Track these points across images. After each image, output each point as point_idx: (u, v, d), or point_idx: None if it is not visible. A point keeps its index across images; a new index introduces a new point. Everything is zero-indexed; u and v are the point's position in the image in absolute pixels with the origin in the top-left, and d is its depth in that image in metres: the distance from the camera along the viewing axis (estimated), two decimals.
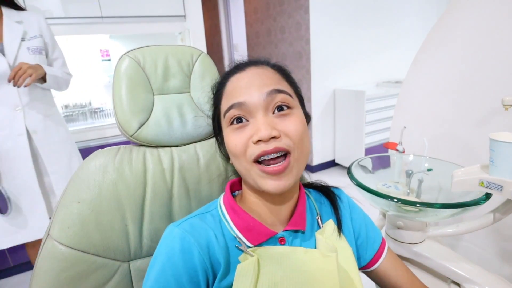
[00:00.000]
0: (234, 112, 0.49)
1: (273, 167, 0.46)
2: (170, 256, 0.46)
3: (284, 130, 0.47)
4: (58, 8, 1.73)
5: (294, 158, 0.48)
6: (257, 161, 0.47)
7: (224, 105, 0.52)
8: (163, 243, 0.49)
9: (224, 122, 0.51)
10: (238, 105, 0.48)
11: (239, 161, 0.49)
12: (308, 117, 0.56)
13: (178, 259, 0.46)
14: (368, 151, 2.90)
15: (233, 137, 0.49)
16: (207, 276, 0.47)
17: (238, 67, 0.54)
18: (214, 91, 0.58)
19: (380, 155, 0.94)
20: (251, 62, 0.54)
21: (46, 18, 1.40)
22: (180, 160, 0.63)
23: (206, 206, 0.57)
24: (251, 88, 0.49)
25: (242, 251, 0.49)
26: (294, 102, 0.51)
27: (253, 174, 0.48)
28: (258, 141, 0.46)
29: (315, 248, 0.53)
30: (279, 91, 0.49)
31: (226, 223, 0.52)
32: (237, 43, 4.45)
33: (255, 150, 0.46)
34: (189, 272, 0.46)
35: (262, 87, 0.48)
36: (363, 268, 0.62)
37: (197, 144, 0.67)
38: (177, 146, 0.66)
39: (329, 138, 3.18)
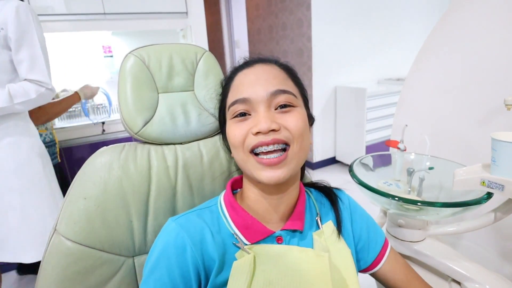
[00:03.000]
0: (238, 107, 0.50)
1: (269, 158, 0.47)
2: (164, 249, 0.48)
3: (284, 124, 0.48)
4: (61, 5, 1.73)
5: (293, 152, 0.49)
6: (255, 153, 0.48)
7: (230, 99, 0.53)
8: (160, 236, 0.51)
9: (228, 114, 0.53)
10: (242, 100, 0.50)
11: (237, 151, 0.51)
12: (311, 119, 0.57)
13: (171, 253, 0.47)
14: (369, 149, 2.90)
15: (234, 128, 0.51)
16: (198, 273, 0.48)
17: (247, 63, 0.55)
18: (223, 84, 0.60)
19: (381, 153, 0.94)
20: (260, 59, 0.55)
21: (49, 15, 1.21)
22: (184, 158, 0.64)
23: (206, 202, 0.58)
24: (256, 85, 0.50)
25: (239, 248, 0.50)
26: (298, 102, 0.52)
27: (249, 165, 0.49)
28: (258, 133, 0.47)
29: (312, 248, 0.54)
30: (284, 91, 0.50)
31: (224, 220, 0.53)
32: (238, 40, 4.43)
33: (253, 141, 0.48)
34: (181, 267, 0.47)
35: (267, 85, 0.50)
36: (365, 270, 0.63)
37: (201, 142, 0.67)
38: (181, 143, 0.66)
39: (330, 135, 3.18)
